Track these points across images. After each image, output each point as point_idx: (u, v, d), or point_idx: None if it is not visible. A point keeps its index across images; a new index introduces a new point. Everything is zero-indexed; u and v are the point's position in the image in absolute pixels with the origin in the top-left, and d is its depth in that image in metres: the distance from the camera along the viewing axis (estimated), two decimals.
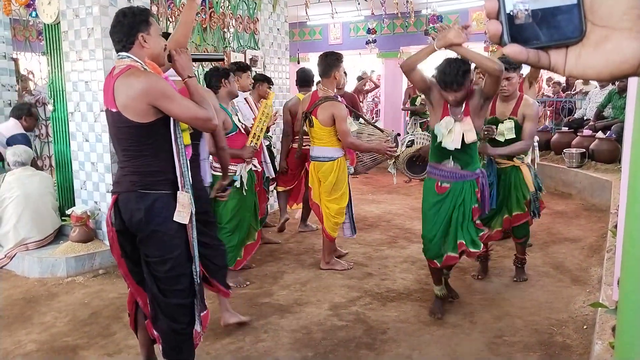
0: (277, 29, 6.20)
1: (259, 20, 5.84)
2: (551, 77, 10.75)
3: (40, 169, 5.04)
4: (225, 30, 5.42)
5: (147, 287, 2.23)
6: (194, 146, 2.48)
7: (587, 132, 6.94)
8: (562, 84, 10.06)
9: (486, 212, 3.21)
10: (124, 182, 2.16)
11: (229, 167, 3.19)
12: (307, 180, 4.26)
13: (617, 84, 6.84)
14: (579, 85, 9.39)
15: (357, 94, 7.85)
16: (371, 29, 10.24)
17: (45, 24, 4.48)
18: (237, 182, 3.48)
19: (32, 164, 4.58)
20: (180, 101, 2.06)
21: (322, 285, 3.76)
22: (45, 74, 5.29)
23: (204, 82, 3.66)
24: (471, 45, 4.55)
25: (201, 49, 5.04)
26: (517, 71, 3.36)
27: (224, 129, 3.46)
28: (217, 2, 5.25)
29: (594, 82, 8.28)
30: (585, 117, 7.85)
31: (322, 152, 3.87)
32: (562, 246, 4.56)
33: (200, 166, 2.73)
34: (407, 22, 9.83)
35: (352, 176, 4.19)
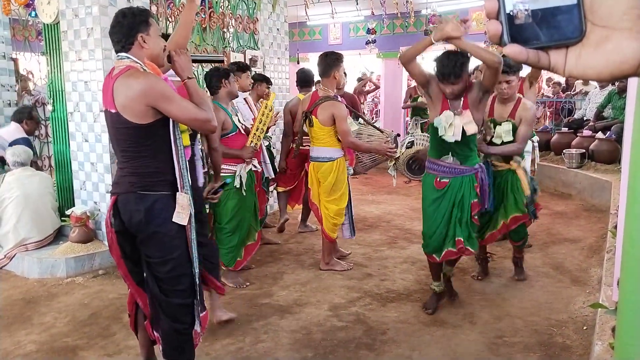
0: (277, 29, 6.20)
1: (258, 20, 5.84)
2: (551, 78, 10.75)
3: (39, 169, 5.04)
4: (224, 30, 5.41)
5: (148, 288, 2.23)
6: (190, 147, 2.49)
7: (587, 132, 6.94)
8: (562, 85, 10.06)
9: (486, 207, 3.21)
10: (123, 183, 2.16)
11: (221, 168, 3.20)
12: (307, 180, 4.26)
13: (616, 84, 6.84)
14: (578, 85, 9.39)
15: (358, 95, 7.85)
16: (371, 29, 10.23)
17: (44, 24, 4.47)
18: (231, 183, 3.47)
19: (31, 165, 4.58)
20: (179, 102, 2.06)
21: (322, 285, 3.75)
22: (44, 74, 5.29)
23: (203, 83, 3.66)
24: None
25: (201, 49, 5.03)
26: (517, 74, 3.36)
27: (223, 129, 3.47)
28: (216, 2, 5.25)
29: (593, 83, 8.28)
30: (585, 118, 7.85)
31: (322, 152, 3.87)
32: (561, 247, 4.55)
33: (195, 166, 2.74)
34: (406, 22, 9.82)
35: (351, 177, 4.18)
